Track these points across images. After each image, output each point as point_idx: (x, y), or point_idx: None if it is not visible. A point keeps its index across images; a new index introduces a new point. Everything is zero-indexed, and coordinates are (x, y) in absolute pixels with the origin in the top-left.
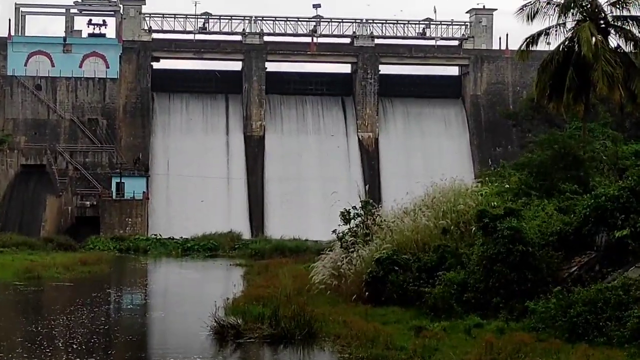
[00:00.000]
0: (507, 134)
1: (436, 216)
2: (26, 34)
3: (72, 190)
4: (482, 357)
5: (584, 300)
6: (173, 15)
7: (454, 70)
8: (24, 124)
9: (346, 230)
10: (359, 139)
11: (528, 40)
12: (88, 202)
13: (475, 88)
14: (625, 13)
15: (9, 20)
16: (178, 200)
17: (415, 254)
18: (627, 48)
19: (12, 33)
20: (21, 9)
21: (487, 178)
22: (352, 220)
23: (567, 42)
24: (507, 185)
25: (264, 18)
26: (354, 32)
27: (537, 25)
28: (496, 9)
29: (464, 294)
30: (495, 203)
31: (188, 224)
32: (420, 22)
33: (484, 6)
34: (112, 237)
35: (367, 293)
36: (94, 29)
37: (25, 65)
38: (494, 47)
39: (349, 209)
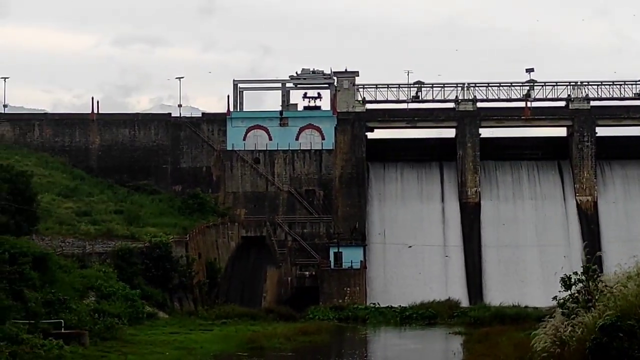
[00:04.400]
0: None
1: None
2: (244, 109)
3: (291, 260)
4: None
5: None
6: (386, 86)
7: None
8: (244, 197)
9: (567, 297)
10: (576, 203)
11: None
12: (307, 273)
13: None
14: None
15: (228, 96)
16: (395, 268)
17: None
18: None
19: (231, 109)
20: (239, 85)
21: None
22: (573, 286)
23: None
24: None
25: (477, 84)
26: (568, 95)
27: None
28: None
29: None
30: None
31: (406, 292)
32: (637, 82)
33: None
34: (331, 306)
35: None
36: (309, 102)
37: (244, 139)
38: None
39: (570, 275)
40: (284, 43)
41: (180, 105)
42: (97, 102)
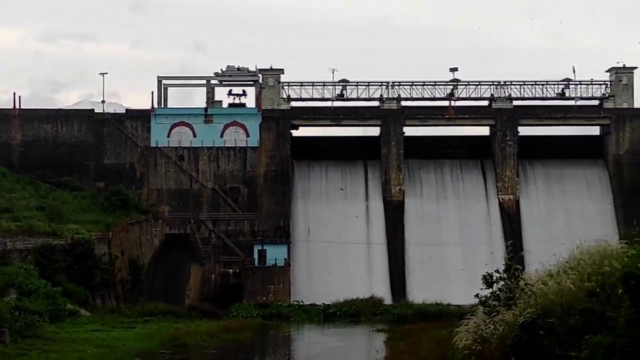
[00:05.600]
0: None
1: (581, 278)
2: (168, 106)
3: (215, 258)
4: None
5: None
6: (311, 83)
7: (594, 130)
8: (168, 194)
9: (489, 294)
10: (499, 201)
11: None
12: (231, 270)
13: (618, 147)
14: None
15: (152, 93)
16: (319, 266)
17: (560, 317)
18: None
19: (155, 105)
20: (163, 81)
21: (633, 239)
22: (495, 284)
23: None
24: None
25: (401, 83)
26: (491, 95)
27: None
28: (637, 67)
29: (612, 358)
30: None
31: (329, 289)
32: (559, 83)
33: (624, 65)
34: (255, 304)
35: (512, 358)
36: (234, 99)
37: (168, 136)
38: (635, 106)
39: (492, 273)
40: (215, 40)
41: (103, 101)
42: (19, 97)
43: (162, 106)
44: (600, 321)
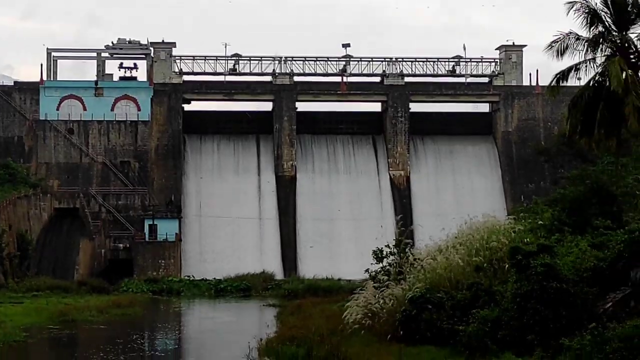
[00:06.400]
0: (539, 170)
1: (469, 254)
2: (58, 79)
3: (105, 233)
4: None
5: (620, 337)
6: (203, 58)
7: (484, 107)
8: (57, 168)
9: (379, 269)
10: (390, 177)
11: (558, 76)
12: (121, 245)
13: (507, 124)
14: None
15: (41, 65)
16: (210, 241)
17: (448, 292)
18: None
19: (45, 78)
20: (53, 53)
21: (519, 214)
22: (385, 259)
23: (597, 77)
24: (540, 222)
25: (294, 58)
26: (383, 71)
27: (567, 60)
28: (526, 45)
29: (499, 331)
30: (528, 240)
31: (221, 264)
32: (450, 60)
33: (513, 43)
34: (145, 279)
35: (401, 332)
36: (125, 72)
37: (58, 109)
38: (524, 84)
39: (382, 248)
40: (109, 13)
41: None
42: None
43: (52, 79)
44: (487, 295)
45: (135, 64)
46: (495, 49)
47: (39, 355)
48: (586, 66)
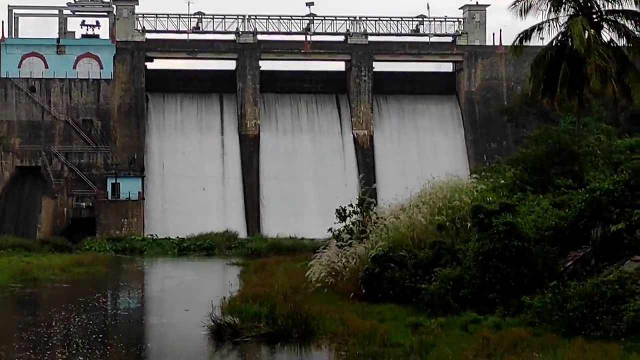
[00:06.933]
0: (502, 130)
1: (432, 213)
2: (19, 36)
3: (67, 191)
4: (479, 353)
5: (580, 295)
6: (166, 15)
7: (447, 67)
8: (19, 126)
9: (342, 228)
10: (353, 136)
11: (521, 35)
12: (84, 204)
13: (470, 84)
14: (618, 7)
15: (2, 22)
16: (173, 200)
17: (411, 250)
18: (620, 42)
19: (6, 35)
20: (14, 10)
21: (482, 174)
22: (348, 218)
23: (560, 37)
24: (502, 181)
25: (258, 17)
26: (347, 30)
27: (531, 20)
28: (489, 5)
29: (460, 290)
30: (490, 199)
31: (184, 223)
32: (414, 19)
33: (477, 2)
34: (108, 238)
35: (363, 290)
36: (87, 30)
37: (19, 67)
38: (487, 43)
39: (345, 207)
40: None
41: None
42: None
43: (13, 36)
44: (449, 254)
45: (97, 22)
46: (459, 9)
47: (0, 313)
48: (549, 26)
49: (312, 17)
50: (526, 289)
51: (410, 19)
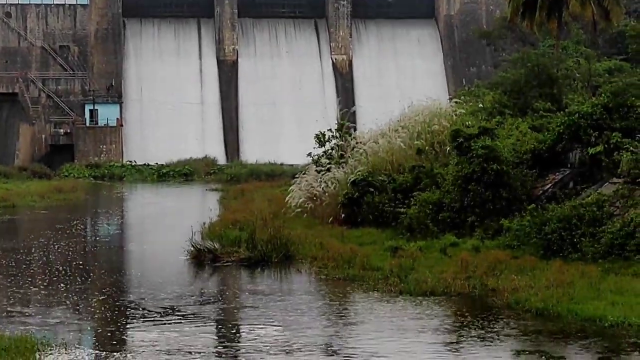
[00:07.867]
0: (481, 54)
1: (411, 137)
2: None
3: (45, 118)
4: (458, 275)
5: (558, 217)
6: None
7: None
8: None
9: (321, 153)
10: (332, 61)
11: None
12: (62, 130)
13: (449, 8)
14: None
15: None
16: (152, 126)
17: (390, 175)
18: None
19: None
20: None
21: (461, 98)
22: (328, 143)
23: None
24: (481, 105)
25: None
26: None
27: None
28: None
29: (439, 213)
30: (469, 123)
31: (163, 149)
32: None
33: None
34: (86, 164)
35: (343, 215)
36: None
37: None
38: None
39: (324, 132)
40: None
41: None
42: None
43: None
44: (428, 178)
45: None
46: None
47: None
48: None
49: None
50: (505, 212)
51: None
